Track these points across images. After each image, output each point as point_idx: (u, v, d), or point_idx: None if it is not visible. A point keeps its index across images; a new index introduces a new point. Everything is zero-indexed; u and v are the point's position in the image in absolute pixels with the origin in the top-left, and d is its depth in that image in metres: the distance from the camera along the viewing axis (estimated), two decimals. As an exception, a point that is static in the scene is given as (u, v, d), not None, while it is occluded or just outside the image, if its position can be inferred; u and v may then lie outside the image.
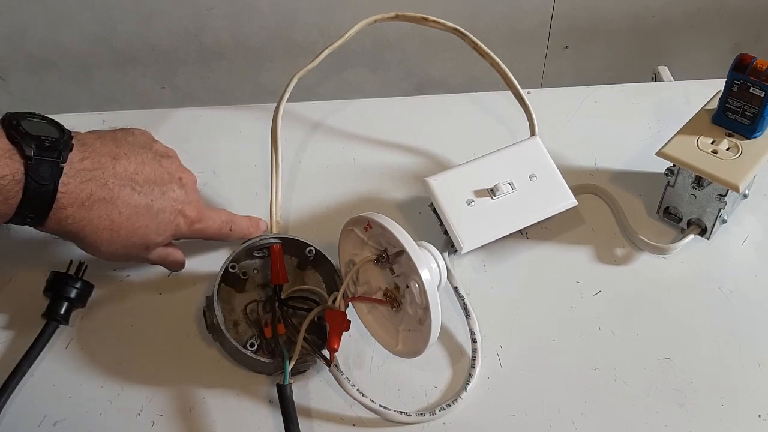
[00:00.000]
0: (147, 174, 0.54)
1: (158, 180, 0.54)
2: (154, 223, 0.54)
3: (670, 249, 0.62)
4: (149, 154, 0.55)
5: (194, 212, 0.56)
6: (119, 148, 0.54)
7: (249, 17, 0.97)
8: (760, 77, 0.57)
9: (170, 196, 0.54)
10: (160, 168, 0.55)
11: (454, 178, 0.61)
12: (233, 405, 0.54)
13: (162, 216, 0.54)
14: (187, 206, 0.56)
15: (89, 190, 0.50)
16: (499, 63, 0.68)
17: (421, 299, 0.50)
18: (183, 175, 0.57)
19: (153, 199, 0.53)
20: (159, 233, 0.54)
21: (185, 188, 0.56)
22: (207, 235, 0.58)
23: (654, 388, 0.55)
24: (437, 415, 0.53)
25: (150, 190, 0.53)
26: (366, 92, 1.06)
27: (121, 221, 0.52)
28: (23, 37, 0.96)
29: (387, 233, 0.51)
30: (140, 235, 0.53)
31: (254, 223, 0.61)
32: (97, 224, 0.51)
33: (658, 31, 1.04)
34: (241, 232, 0.60)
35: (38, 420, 0.53)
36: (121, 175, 0.52)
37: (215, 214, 0.59)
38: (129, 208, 0.52)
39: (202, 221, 0.57)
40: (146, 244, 0.55)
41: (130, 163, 0.53)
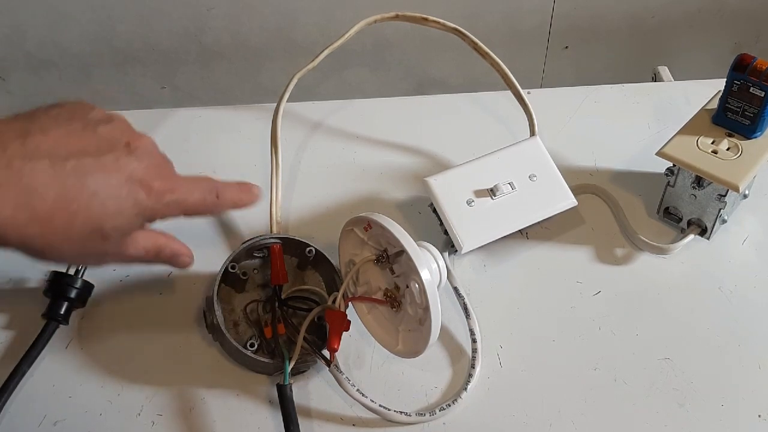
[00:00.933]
0: (73, 145, 0.43)
1: (91, 150, 0.43)
2: (98, 203, 0.42)
3: (670, 249, 0.62)
4: (78, 124, 0.44)
5: (159, 180, 0.45)
6: (33, 123, 0.43)
7: (249, 17, 0.97)
8: (760, 77, 0.57)
9: (113, 167, 0.43)
10: (93, 136, 0.44)
11: (454, 178, 0.61)
12: (233, 405, 0.54)
13: (106, 192, 0.43)
14: (145, 174, 0.45)
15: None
16: (499, 63, 0.68)
17: (421, 299, 0.50)
18: (132, 139, 0.46)
19: (86, 173, 0.42)
20: (113, 214, 0.43)
21: (136, 154, 0.45)
22: (188, 209, 0.48)
23: (654, 388, 0.55)
24: (437, 415, 0.53)
25: (79, 164, 0.42)
26: (366, 92, 1.06)
27: (47, 207, 0.41)
28: (23, 37, 0.96)
29: (387, 233, 0.51)
30: (83, 221, 0.42)
31: (245, 188, 0.52)
32: (14, 216, 0.40)
33: (658, 31, 1.04)
34: (231, 199, 0.51)
35: (38, 420, 0.53)
36: (34, 151, 0.41)
37: (192, 182, 0.48)
38: (52, 189, 0.41)
39: (175, 191, 0.47)
40: (100, 230, 0.43)
41: (47, 137, 0.42)
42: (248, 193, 0.52)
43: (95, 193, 0.42)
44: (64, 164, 0.42)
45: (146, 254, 0.48)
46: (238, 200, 0.51)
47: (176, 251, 0.50)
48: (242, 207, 0.52)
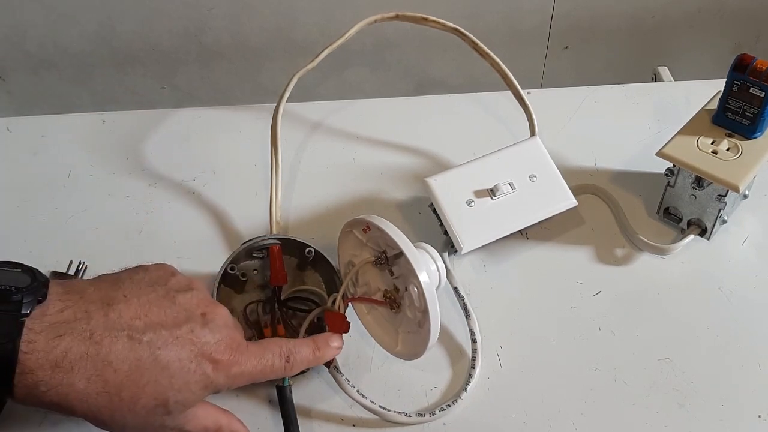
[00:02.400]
0: (153, 317, 0.44)
1: (169, 322, 0.44)
2: (167, 377, 0.43)
3: (670, 249, 0.62)
4: (160, 292, 0.45)
5: (229, 353, 0.45)
6: (117, 291, 0.44)
7: (249, 17, 0.97)
8: (760, 77, 0.57)
9: (187, 339, 0.44)
10: (172, 306, 0.45)
11: (454, 178, 0.61)
12: (233, 405, 0.54)
13: (176, 365, 0.43)
14: (215, 348, 0.45)
15: (64, 348, 0.40)
16: (499, 63, 0.68)
17: (420, 302, 0.50)
18: (207, 309, 0.46)
19: (160, 346, 0.43)
20: (179, 388, 0.43)
21: (210, 326, 0.45)
22: (255, 377, 0.47)
23: (654, 388, 0.55)
24: (437, 415, 0.53)
25: (156, 337, 0.43)
26: (366, 92, 1.06)
27: (119, 380, 0.41)
28: (23, 37, 0.96)
29: (385, 236, 0.51)
30: (151, 394, 0.42)
31: (322, 342, 0.51)
32: (85, 389, 0.41)
33: (658, 31, 1.04)
34: (304, 360, 0.49)
35: (38, 420, 0.53)
36: (115, 323, 0.42)
37: (261, 350, 0.47)
38: (126, 363, 0.42)
39: (242, 363, 0.46)
40: (165, 405, 0.43)
41: (130, 306, 0.43)
42: (326, 347, 0.51)
43: (166, 367, 0.43)
44: (141, 337, 0.42)
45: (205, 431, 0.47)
46: (314, 358, 0.50)
47: (236, 431, 0.49)
48: (319, 364, 0.52)
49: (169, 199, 0.67)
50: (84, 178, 0.69)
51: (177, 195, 0.68)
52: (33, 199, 0.67)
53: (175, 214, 0.66)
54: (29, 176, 0.69)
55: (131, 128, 0.73)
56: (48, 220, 0.65)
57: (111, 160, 0.70)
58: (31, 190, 0.68)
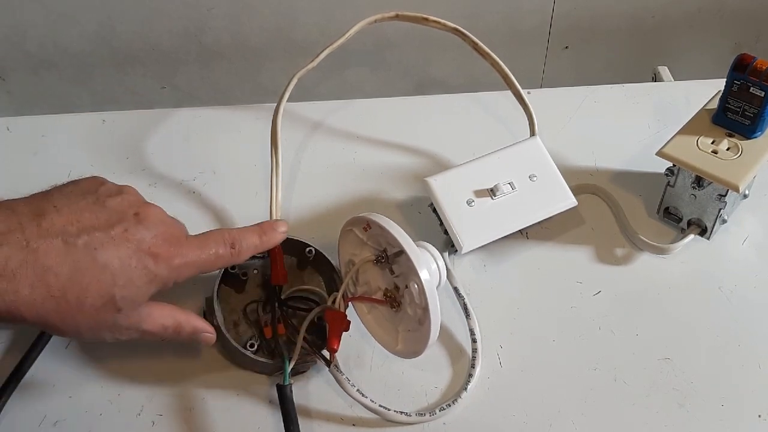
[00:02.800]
0: (85, 221, 0.45)
1: (101, 224, 0.45)
2: (108, 275, 0.44)
3: (670, 249, 0.62)
4: (90, 199, 0.47)
5: (168, 246, 0.47)
6: (48, 203, 0.46)
7: (249, 17, 0.96)
8: (760, 77, 0.57)
9: (122, 238, 0.45)
10: (103, 210, 0.46)
11: (454, 178, 0.61)
12: (233, 405, 0.54)
13: (116, 263, 0.44)
14: (153, 242, 0.46)
15: (5, 256, 0.42)
16: (499, 63, 0.68)
17: (421, 300, 0.50)
18: (140, 209, 0.48)
19: (96, 247, 0.44)
20: (124, 284, 0.45)
21: (144, 223, 0.47)
22: (202, 267, 0.49)
23: (654, 388, 0.55)
24: (437, 415, 0.53)
25: (90, 239, 0.44)
26: (366, 92, 1.06)
27: (61, 284, 0.43)
28: (23, 37, 0.96)
29: (386, 233, 0.51)
30: (96, 293, 0.44)
31: (267, 227, 0.53)
32: (31, 295, 0.42)
33: (658, 31, 1.04)
34: (250, 246, 0.51)
35: (38, 420, 0.53)
36: (48, 230, 0.44)
37: (203, 240, 0.49)
38: (65, 266, 0.43)
39: (183, 254, 0.48)
40: (113, 302, 0.45)
41: (61, 214, 0.45)
42: (272, 232, 0.53)
43: (105, 265, 0.44)
44: (75, 241, 0.44)
45: (165, 330, 0.49)
46: (261, 243, 0.52)
47: (197, 327, 0.51)
48: (269, 248, 0.53)
49: (169, 199, 0.67)
50: (84, 178, 0.69)
51: (177, 195, 0.68)
52: (33, 199, 0.67)
53: (175, 214, 0.66)
54: (29, 176, 0.69)
55: (131, 128, 0.73)
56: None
57: (111, 160, 0.70)
58: (31, 190, 0.67)
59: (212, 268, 0.50)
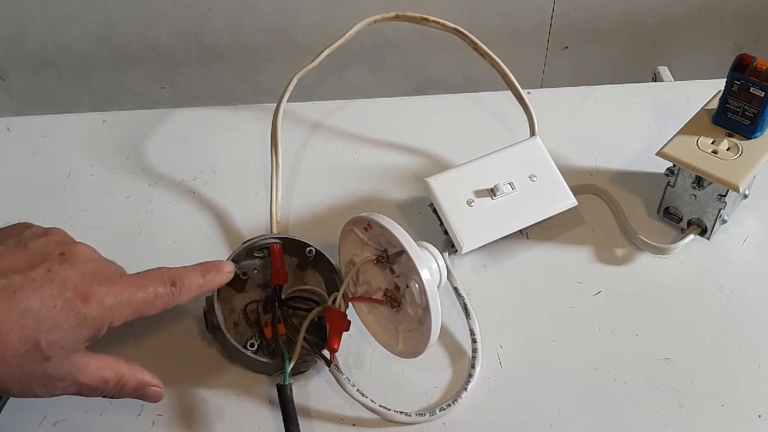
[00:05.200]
0: (4, 264, 0.42)
1: (23, 266, 0.42)
2: (31, 319, 0.41)
3: (670, 249, 0.62)
4: (10, 243, 0.44)
5: (97, 285, 0.43)
6: None
7: (249, 17, 0.97)
8: (760, 77, 0.57)
9: (45, 278, 0.42)
10: (24, 252, 0.43)
11: (454, 178, 0.61)
12: (233, 405, 0.54)
13: (38, 306, 0.41)
14: (81, 281, 0.43)
15: None
16: (499, 63, 0.68)
17: (421, 299, 0.50)
18: (66, 248, 0.45)
19: (15, 290, 0.41)
20: (49, 329, 0.41)
21: (70, 261, 0.44)
22: (138, 307, 0.45)
23: (654, 388, 0.55)
24: (437, 415, 0.53)
25: (9, 282, 0.41)
26: (366, 92, 1.06)
27: None
28: (23, 37, 0.96)
29: (387, 233, 0.51)
30: (17, 340, 0.40)
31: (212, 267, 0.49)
32: None
33: (658, 31, 1.04)
34: (193, 285, 0.48)
35: (38, 420, 0.53)
36: None
37: (140, 278, 0.46)
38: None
39: (117, 293, 0.44)
40: (37, 347, 0.41)
41: None
42: (217, 271, 0.50)
43: (27, 309, 0.41)
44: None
45: (105, 384, 0.45)
46: (204, 282, 0.49)
47: (143, 381, 0.47)
48: (213, 288, 0.50)
49: (169, 199, 0.67)
50: (84, 178, 0.69)
51: (177, 195, 0.68)
52: (33, 199, 0.67)
53: (175, 214, 0.66)
54: (29, 176, 0.69)
55: (131, 128, 0.73)
56: (48, 220, 0.65)
57: (111, 160, 0.70)
58: (31, 190, 0.68)
59: (151, 309, 0.46)
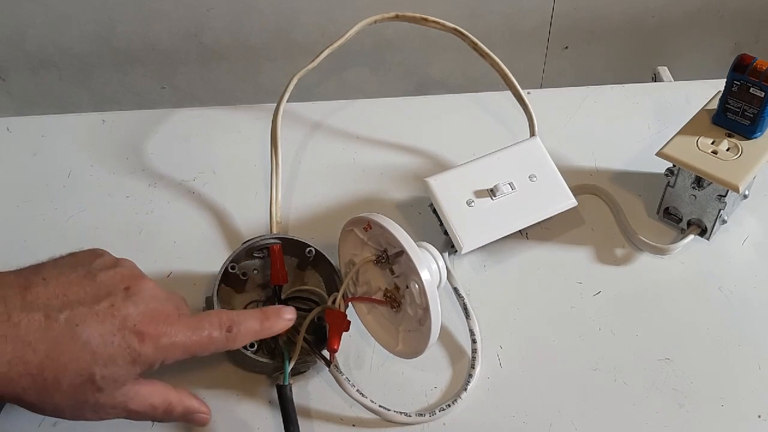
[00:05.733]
0: (71, 295, 0.43)
1: (88, 299, 0.43)
2: (88, 353, 0.42)
3: (670, 249, 0.62)
4: (81, 272, 0.45)
5: (156, 324, 0.44)
6: (37, 275, 0.44)
7: (249, 17, 0.97)
8: (760, 78, 0.57)
9: (107, 313, 0.43)
10: (92, 284, 0.44)
11: (454, 178, 0.61)
12: (233, 405, 0.54)
13: (97, 340, 0.42)
14: (140, 320, 0.44)
15: None
16: (499, 63, 0.68)
17: (421, 300, 0.50)
18: (132, 283, 0.45)
19: (78, 323, 0.42)
20: (105, 363, 0.42)
21: (133, 299, 0.44)
22: (191, 349, 0.46)
23: (654, 388, 0.55)
24: (437, 415, 0.53)
25: (73, 314, 0.42)
26: (366, 92, 1.06)
27: (39, 360, 0.41)
28: (23, 37, 0.96)
29: (387, 233, 0.51)
30: (74, 371, 0.42)
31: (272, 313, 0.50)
32: (8, 373, 0.40)
33: (658, 31, 1.04)
34: (249, 331, 0.48)
35: (38, 420, 0.53)
36: (31, 304, 0.42)
37: (198, 320, 0.46)
38: (44, 342, 0.41)
39: (172, 334, 0.45)
40: (92, 381, 0.42)
41: (48, 287, 0.43)
42: (276, 318, 0.50)
43: (86, 342, 0.42)
44: (57, 316, 0.42)
45: (154, 410, 0.46)
46: (262, 330, 0.49)
47: (190, 408, 0.48)
48: (268, 336, 0.50)
49: (169, 199, 0.67)
50: (84, 178, 0.69)
51: (177, 195, 0.68)
52: (33, 199, 0.67)
53: (175, 214, 0.66)
54: (29, 176, 0.69)
55: (131, 128, 0.73)
56: (48, 220, 0.65)
57: (111, 160, 0.70)
58: (31, 190, 0.68)
59: (204, 351, 0.47)
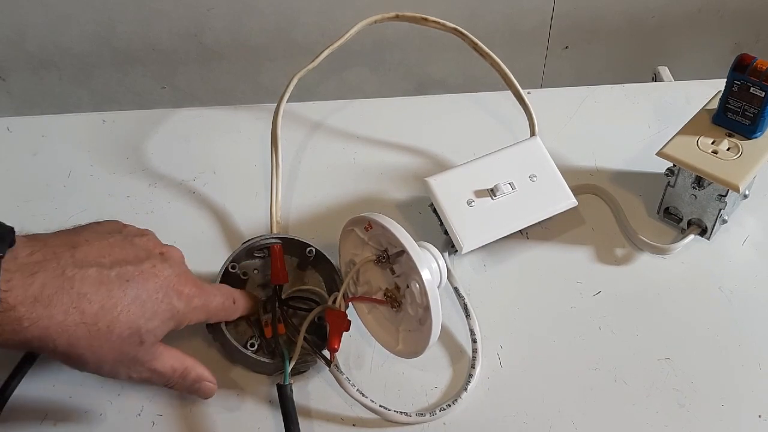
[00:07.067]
0: (117, 255, 0.47)
1: (131, 259, 0.47)
2: (138, 306, 0.46)
3: (670, 249, 0.62)
4: (118, 237, 0.49)
5: (189, 286, 0.49)
6: (79, 236, 0.47)
7: (249, 17, 0.97)
8: (761, 77, 0.57)
9: (151, 273, 0.47)
10: (132, 247, 0.48)
11: (454, 178, 0.61)
12: (233, 405, 0.54)
13: (145, 296, 0.46)
14: (177, 281, 0.49)
15: (41, 282, 0.42)
16: (499, 63, 0.68)
17: (422, 299, 0.50)
18: (164, 249, 0.50)
19: (129, 279, 0.46)
20: (150, 317, 0.46)
21: (169, 262, 0.49)
22: (210, 313, 0.52)
23: (654, 388, 0.55)
24: (437, 415, 0.53)
25: (123, 271, 0.46)
26: (366, 92, 1.06)
27: (95, 311, 0.44)
28: (23, 37, 0.96)
29: (387, 233, 0.51)
30: (125, 323, 0.45)
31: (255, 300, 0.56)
32: (64, 321, 0.43)
33: (658, 31, 1.04)
34: (243, 306, 0.55)
35: (38, 420, 0.53)
36: (83, 260, 0.45)
37: (214, 288, 0.53)
38: (100, 294, 0.44)
39: (202, 296, 0.50)
40: (138, 334, 0.46)
41: (93, 247, 0.46)
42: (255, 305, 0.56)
43: (136, 296, 0.46)
44: (109, 272, 0.45)
45: (173, 373, 0.50)
46: (249, 307, 0.55)
47: (202, 375, 0.52)
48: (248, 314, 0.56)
49: (169, 199, 0.67)
50: (84, 178, 0.69)
51: (177, 195, 0.68)
52: (33, 199, 0.67)
53: (175, 214, 0.66)
54: (29, 176, 0.69)
55: (131, 128, 0.73)
56: (48, 220, 0.65)
57: (111, 160, 0.70)
58: (31, 190, 0.68)
59: (215, 317, 0.53)
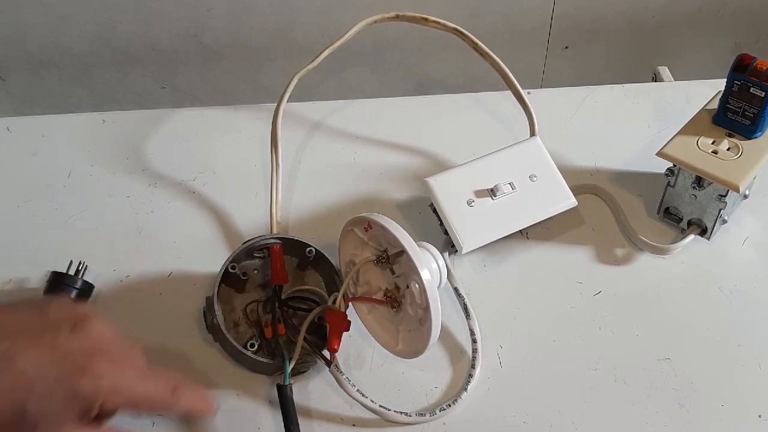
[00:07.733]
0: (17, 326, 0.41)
1: (33, 329, 0.41)
2: (25, 382, 0.39)
3: (670, 249, 0.62)
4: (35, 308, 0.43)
5: (100, 364, 0.41)
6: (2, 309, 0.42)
7: (249, 17, 0.97)
8: (761, 77, 0.57)
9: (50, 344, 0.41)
10: (40, 317, 0.42)
11: (454, 178, 0.61)
12: (233, 405, 0.54)
13: (35, 371, 0.39)
14: (84, 355, 0.41)
15: None
16: (499, 63, 0.68)
17: (422, 299, 0.50)
18: (83, 322, 0.42)
19: (18, 351, 0.40)
20: (38, 396, 0.39)
21: (79, 334, 0.42)
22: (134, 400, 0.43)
23: (654, 388, 0.55)
24: (437, 415, 0.53)
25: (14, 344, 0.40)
26: (366, 92, 1.06)
27: None
28: (23, 37, 0.96)
29: (387, 233, 0.51)
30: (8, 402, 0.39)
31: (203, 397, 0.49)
32: None
33: (658, 31, 1.04)
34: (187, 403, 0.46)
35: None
36: None
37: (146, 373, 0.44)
38: None
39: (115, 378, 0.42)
40: (23, 414, 0.39)
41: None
42: (205, 404, 0.49)
43: (23, 371, 0.39)
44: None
45: None
46: (194, 406, 0.48)
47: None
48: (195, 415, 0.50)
49: (169, 199, 0.67)
50: (84, 178, 0.69)
51: (177, 195, 0.68)
52: (33, 199, 0.67)
53: (175, 214, 0.66)
54: (29, 176, 0.69)
55: (131, 128, 0.73)
56: (48, 220, 0.65)
57: (111, 160, 0.70)
58: (31, 190, 0.68)
59: (144, 405, 0.45)
